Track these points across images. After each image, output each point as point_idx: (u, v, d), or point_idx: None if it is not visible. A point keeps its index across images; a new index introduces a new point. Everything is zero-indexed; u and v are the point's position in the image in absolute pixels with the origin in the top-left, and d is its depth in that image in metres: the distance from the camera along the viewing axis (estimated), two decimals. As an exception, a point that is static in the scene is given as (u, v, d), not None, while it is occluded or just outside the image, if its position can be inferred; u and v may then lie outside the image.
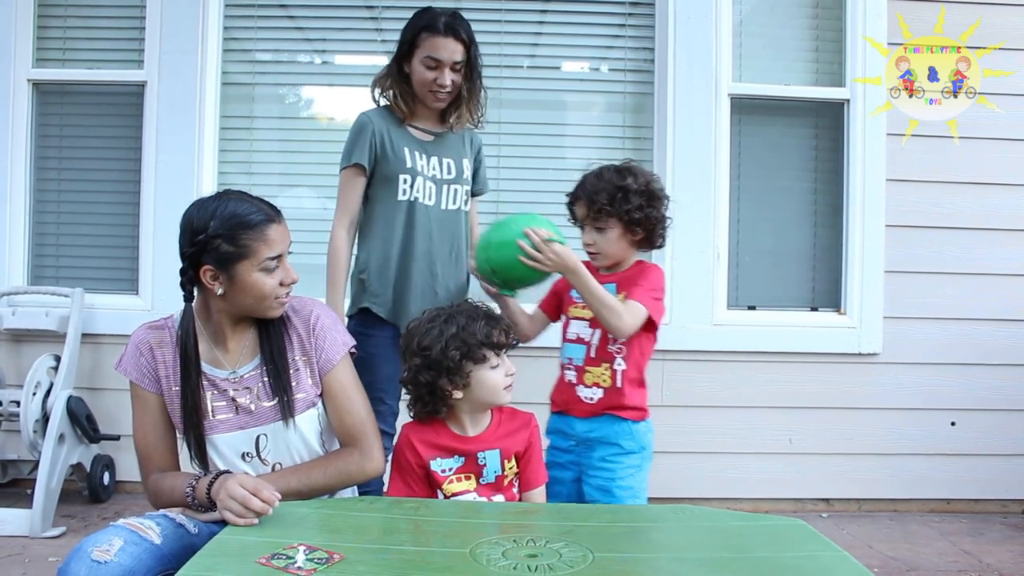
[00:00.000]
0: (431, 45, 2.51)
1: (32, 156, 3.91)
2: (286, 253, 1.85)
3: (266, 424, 1.84)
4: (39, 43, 3.90)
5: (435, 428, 1.99)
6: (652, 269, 2.28)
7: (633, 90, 3.98)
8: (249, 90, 3.99)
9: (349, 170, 2.60)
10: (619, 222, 2.21)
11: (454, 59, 2.52)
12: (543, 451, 2.11)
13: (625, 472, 2.22)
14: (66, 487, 3.44)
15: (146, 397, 1.87)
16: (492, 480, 1.97)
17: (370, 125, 2.57)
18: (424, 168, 2.57)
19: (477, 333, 1.92)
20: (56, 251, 3.96)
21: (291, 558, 1.38)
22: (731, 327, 3.83)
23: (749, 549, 1.57)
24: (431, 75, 2.52)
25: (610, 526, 1.70)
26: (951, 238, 3.86)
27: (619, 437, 2.22)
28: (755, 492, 3.84)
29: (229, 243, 1.77)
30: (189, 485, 1.74)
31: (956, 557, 3.29)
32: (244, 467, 1.83)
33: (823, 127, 3.97)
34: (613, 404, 2.22)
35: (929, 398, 3.87)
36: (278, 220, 1.84)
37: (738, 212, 3.94)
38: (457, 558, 1.45)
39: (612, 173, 2.23)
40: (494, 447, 1.97)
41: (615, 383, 2.21)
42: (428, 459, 1.94)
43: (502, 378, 1.97)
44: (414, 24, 2.56)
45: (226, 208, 1.80)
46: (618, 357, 2.21)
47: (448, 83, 2.53)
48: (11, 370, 3.70)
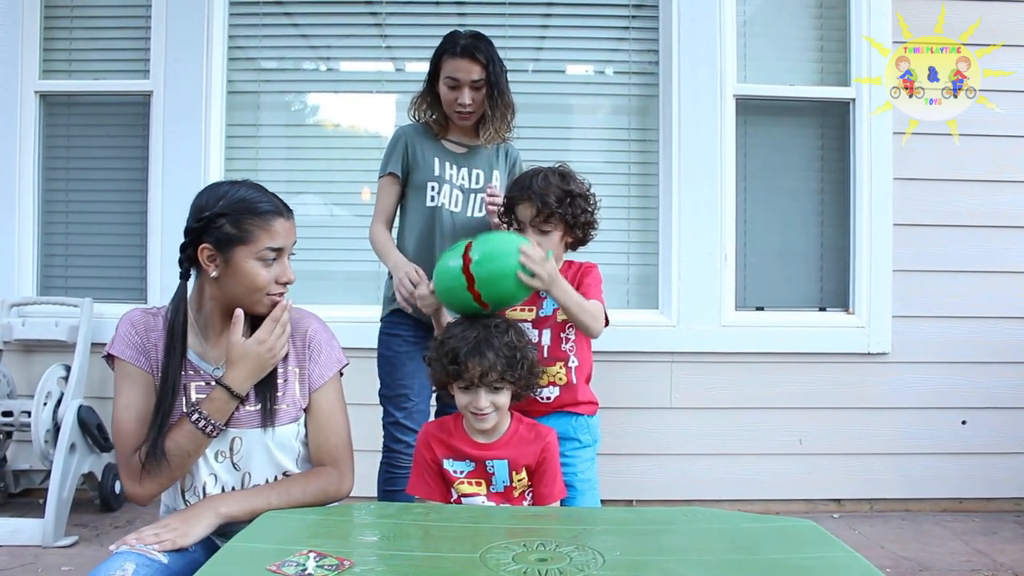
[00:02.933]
0: (451, 67, 2.66)
1: (40, 167, 3.93)
2: (288, 251, 1.81)
3: (244, 428, 1.79)
4: (45, 55, 3.92)
5: (452, 428, 2.01)
6: (592, 268, 2.36)
7: (638, 92, 3.98)
8: (254, 98, 4.00)
9: (384, 179, 2.77)
10: (563, 224, 2.27)
11: (471, 79, 2.65)
12: (559, 471, 2.08)
13: (584, 465, 2.28)
14: (77, 496, 3.45)
15: (135, 374, 1.77)
16: (501, 490, 1.98)
17: (404, 137, 2.76)
18: (453, 177, 2.72)
19: (448, 354, 1.94)
20: (65, 261, 3.97)
21: (301, 565, 1.38)
22: (739, 328, 3.83)
23: (760, 551, 1.56)
24: (452, 95, 2.67)
25: (620, 528, 1.70)
26: (960, 236, 3.85)
27: (577, 432, 2.28)
28: (766, 493, 3.82)
29: (232, 225, 1.75)
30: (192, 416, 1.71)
31: (969, 556, 3.27)
32: (216, 466, 1.78)
33: (829, 127, 3.96)
34: (568, 401, 2.27)
35: (940, 397, 3.85)
36: (286, 216, 1.81)
37: (745, 213, 3.94)
38: (467, 563, 1.45)
39: (557, 177, 2.28)
40: (503, 457, 1.97)
41: (571, 380, 2.27)
42: (442, 458, 1.97)
43: (465, 402, 1.95)
44: (438, 49, 2.73)
45: (237, 192, 1.80)
46: (571, 355, 2.28)
47: (468, 102, 2.66)
48: (22, 380, 3.72)
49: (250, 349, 1.73)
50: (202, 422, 1.70)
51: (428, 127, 2.79)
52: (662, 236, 3.88)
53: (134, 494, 1.73)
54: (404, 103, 3.95)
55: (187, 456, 1.72)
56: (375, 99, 4.06)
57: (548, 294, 2.17)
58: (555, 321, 2.28)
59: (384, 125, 4.06)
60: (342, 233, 3.85)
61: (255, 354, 1.73)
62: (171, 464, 1.71)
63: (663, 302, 3.86)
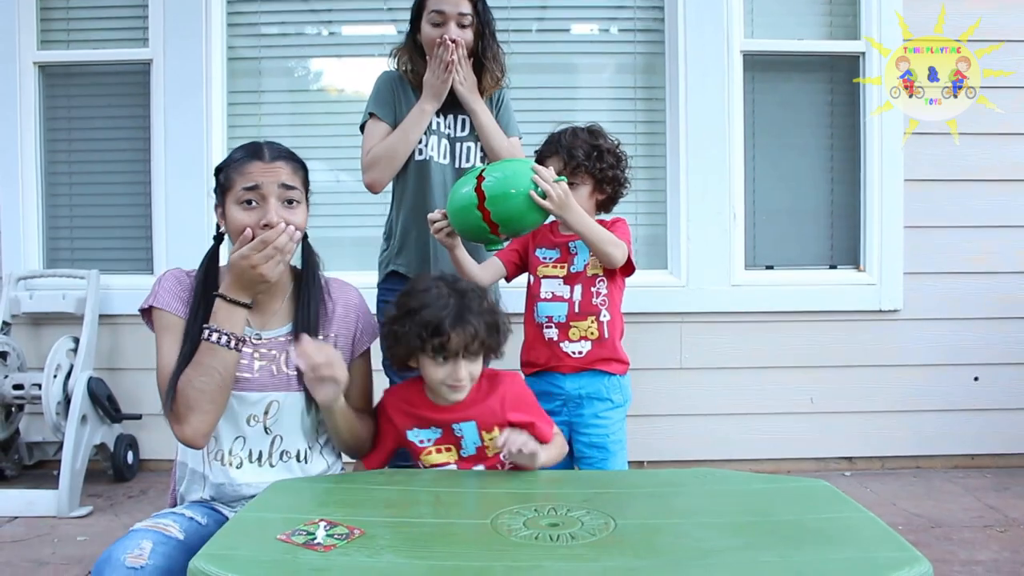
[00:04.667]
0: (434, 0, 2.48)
1: (42, 139, 3.90)
2: (272, 193, 1.76)
3: (283, 391, 1.80)
4: (43, 25, 3.87)
5: (413, 393, 1.92)
6: (618, 220, 2.35)
7: (643, 50, 3.92)
8: (256, 64, 3.96)
9: (369, 122, 2.60)
10: (591, 179, 2.30)
11: (459, 10, 2.47)
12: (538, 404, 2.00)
13: (616, 426, 2.29)
14: (91, 467, 3.48)
15: (176, 323, 1.78)
16: (473, 452, 1.89)
17: (390, 82, 2.61)
18: (440, 125, 2.56)
19: (424, 325, 1.78)
20: (70, 233, 3.96)
21: (311, 534, 1.37)
22: (749, 287, 3.80)
23: (773, 512, 1.55)
24: (436, 32, 2.48)
25: (631, 492, 1.69)
26: (972, 190, 3.80)
27: (610, 392, 2.29)
28: (777, 452, 3.82)
29: (224, 176, 1.80)
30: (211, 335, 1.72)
31: (981, 512, 3.27)
32: (246, 430, 1.79)
33: (838, 81, 3.90)
34: (602, 356, 2.27)
35: (952, 353, 3.83)
36: (265, 158, 1.79)
37: (753, 171, 3.89)
38: (478, 529, 1.45)
39: (585, 133, 2.32)
40: (470, 418, 1.87)
41: (603, 334, 2.27)
42: (404, 429, 1.89)
43: (442, 376, 1.82)
44: None
45: (238, 148, 1.85)
46: (603, 309, 2.28)
47: (454, 36, 2.47)
48: (31, 353, 3.72)
49: (233, 261, 1.73)
50: (214, 335, 1.71)
51: (407, 78, 2.61)
52: (670, 195, 3.84)
53: (184, 436, 1.72)
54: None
55: (216, 375, 1.70)
56: (378, 63, 3.98)
57: (562, 219, 2.12)
58: (585, 276, 2.28)
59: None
60: (348, 199, 3.82)
61: (237, 267, 1.72)
62: (203, 388, 1.69)
63: (672, 262, 3.83)
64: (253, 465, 1.79)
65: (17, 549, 2.93)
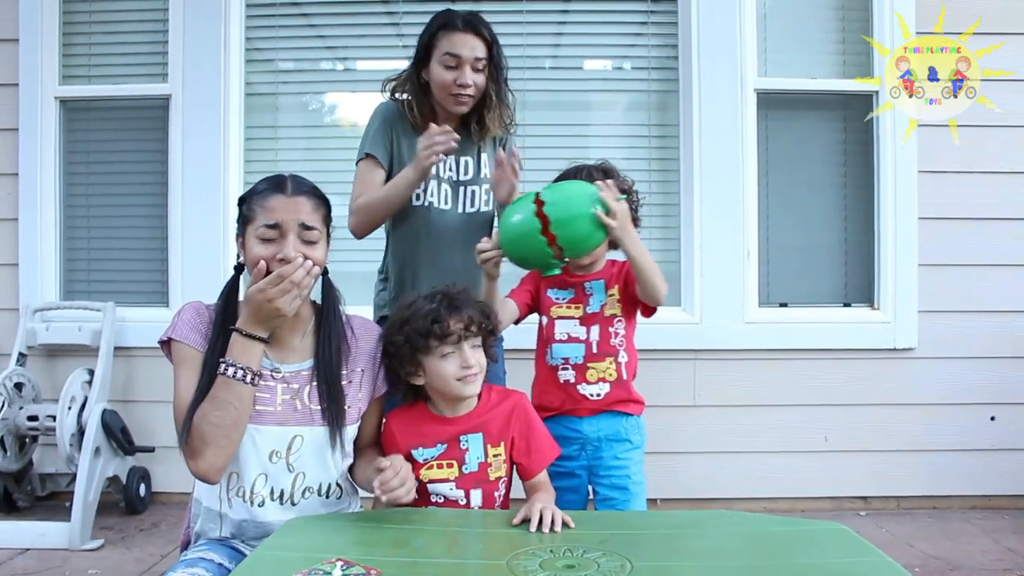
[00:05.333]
0: (449, 42, 2.39)
1: (61, 172, 3.94)
2: (291, 229, 1.77)
3: (307, 426, 1.80)
4: (65, 60, 3.94)
5: (417, 412, 1.94)
6: None
7: (657, 88, 3.95)
8: (272, 99, 4.01)
9: (364, 162, 2.51)
10: None
11: (475, 55, 2.39)
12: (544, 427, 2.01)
13: (636, 467, 2.27)
14: (103, 499, 3.47)
15: (194, 356, 1.77)
16: (475, 468, 1.89)
17: (388, 121, 2.51)
18: (440, 170, 2.47)
19: (419, 321, 1.85)
20: (87, 266, 3.99)
21: (328, 573, 1.37)
22: (763, 325, 3.79)
23: (790, 555, 1.54)
24: (451, 75, 2.39)
25: (647, 533, 1.68)
26: (987, 229, 3.79)
27: (629, 433, 2.27)
28: (791, 491, 3.78)
29: (247, 208, 1.81)
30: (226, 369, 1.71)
31: (1001, 555, 3.22)
32: (269, 467, 1.77)
33: (852, 119, 3.91)
34: (619, 398, 2.25)
35: (967, 393, 3.80)
36: (287, 192, 1.81)
37: (767, 208, 3.90)
38: (494, 570, 1.44)
39: (598, 172, 2.28)
40: (477, 430, 1.90)
41: (620, 375, 2.25)
42: (409, 449, 1.89)
43: (454, 369, 1.86)
44: (430, 24, 2.46)
45: (263, 180, 1.87)
46: (620, 350, 2.26)
47: (470, 83, 2.40)
48: (46, 385, 3.74)
49: (249, 295, 1.73)
50: (231, 369, 1.70)
51: (404, 113, 2.51)
52: (683, 232, 3.85)
53: (198, 471, 1.70)
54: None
55: (232, 409, 1.69)
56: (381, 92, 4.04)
57: (620, 240, 2.10)
58: (603, 316, 2.26)
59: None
60: (361, 234, 3.84)
61: (253, 300, 1.71)
62: (219, 424, 1.68)
63: (686, 299, 3.83)
64: (275, 503, 1.78)
65: (28, 582, 2.92)
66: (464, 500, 1.89)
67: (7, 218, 3.86)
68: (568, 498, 2.22)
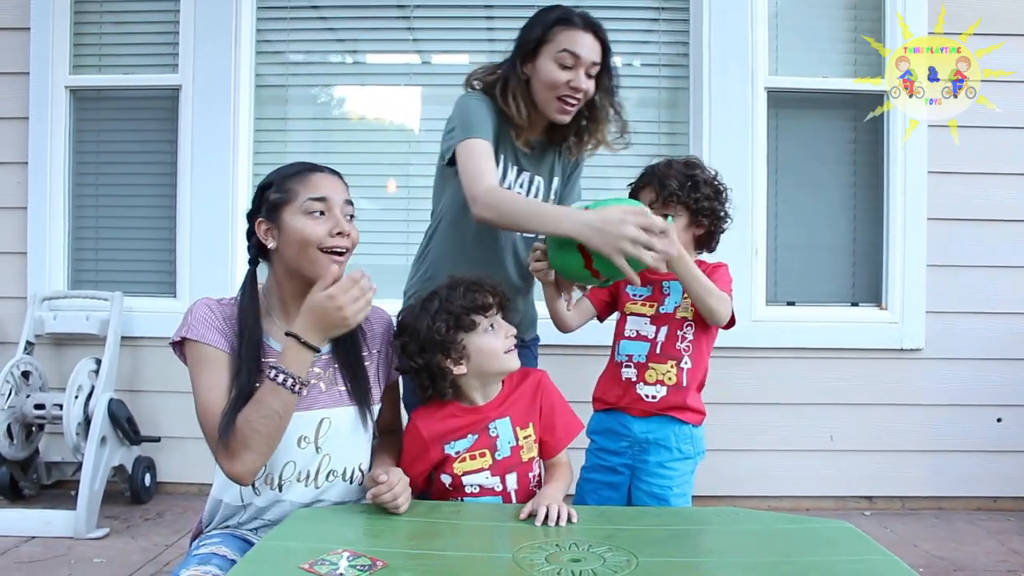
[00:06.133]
0: (569, 39, 2.15)
1: (71, 162, 3.96)
2: (337, 205, 1.77)
3: (335, 407, 1.79)
4: (75, 50, 3.94)
5: (443, 406, 1.92)
6: (721, 267, 2.24)
7: (668, 85, 3.94)
8: (282, 91, 4.01)
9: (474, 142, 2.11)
10: (686, 211, 2.18)
11: (592, 59, 2.17)
12: (566, 403, 2.01)
13: (682, 479, 2.18)
14: (108, 488, 3.49)
15: (217, 356, 1.71)
16: (508, 453, 1.88)
17: (486, 106, 2.20)
18: (511, 183, 2.27)
19: (458, 300, 1.84)
20: (95, 255, 4.00)
21: (334, 564, 1.37)
22: (770, 323, 3.78)
23: (796, 553, 1.54)
24: (565, 76, 2.15)
25: (653, 530, 1.68)
26: (996, 230, 3.78)
27: (679, 441, 2.18)
28: (796, 490, 3.78)
29: (277, 191, 1.78)
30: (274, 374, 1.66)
31: (1005, 557, 3.22)
32: (297, 452, 1.75)
33: (862, 119, 3.89)
34: (675, 404, 2.17)
35: (974, 394, 3.79)
36: (326, 172, 1.82)
37: (776, 207, 3.89)
38: (500, 563, 1.44)
39: (681, 164, 2.21)
40: (504, 415, 1.90)
41: (680, 381, 2.17)
42: (441, 444, 1.87)
43: (501, 341, 1.87)
44: (543, 19, 2.21)
45: (286, 166, 1.84)
46: (685, 355, 2.18)
47: (583, 87, 2.17)
48: (53, 374, 3.75)
49: (317, 301, 1.66)
50: (281, 376, 1.64)
51: (503, 115, 2.22)
52: (692, 230, 3.83)
53: (234, 473, 1.65)
54: (431, 96, 4.00)
55: (277, 418, 1.64)
56: (402, 92, 4.04)
57: (671, 267, 1.98)
58: (674, 319, 2.18)
59: (411, 118, 4.05)
60: (370, 227, 3.82)
61: (321, 307, 1.65)
62: (261, 430, 1.63)
63: (692, 297, 3.82)
64: (300, 484, 1.76)
65: (34, 569, 2.93)
66: (500, 487, 1.88)
67: (16, 206, 3.87)
68: (606, 494, 2.20)
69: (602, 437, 2.25)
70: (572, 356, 2.90)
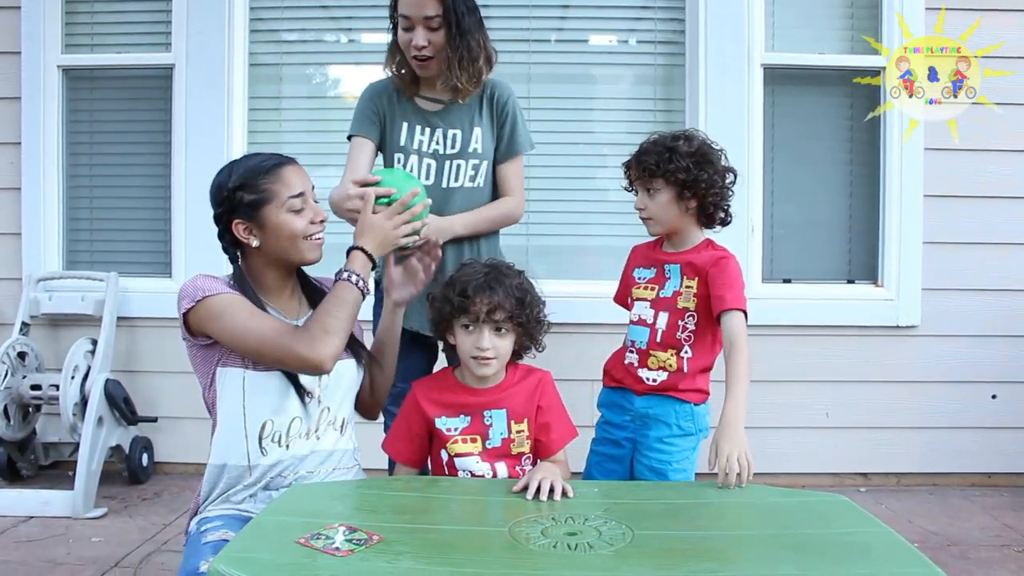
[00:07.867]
0: (402, 4, 2.34)
1: (64, 142, 3.93)
2: (310, 193, 1.89)
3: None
4: (67, 29, 3.91)
5: (444, 380, 2.00)
6: (729, 261, 2.15)
7: (663, 62, 3.92)
8: (276, 70, 3.98)
9: (353, 139, 2.51)
10: (667, 183, 2.12)
11: (424, 14, 2.30)
12: (564, 408, 2.02)
13: (681, 455, 2.16)
14: (106, 469, 3.49)
15: (237, 298, 1.79)
16: (498, 444, 1.91)
17: (373, 96, 2.51)
18: (423, 144, 2.42)
19: (457, 288, 1.90)
20: (90, 236, 3.99)
21: (330, 538, 1.38)
22: (766, 301, 3.76)
23: (792, 526, 1.55)
24: (406, 37, 2.35)
25: (650, 503, 1.69)
26: (993, 207, 3.77)
27: (679, 418, 2.16)
28: (792, 467, 3.79)
29: (251, 191, 1.83)
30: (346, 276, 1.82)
31: (999, 531, 3.24)
32: (302, 409, 1.83)
33: (858, 96, 3.88)
34: (677, 386, 2.15)
35: (969, 370, 3.80)
36: (291, 163, 1.90)
37: (772, 184, 3.88)
38: (496, 537, 1.45)
39: (666, 137, 2.18)
40: (501, 406, 1.92)
41: (680, 368, 2.15)
42: (434, 417, 1.92)
43: (468, 347, 1.89)
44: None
45: (241, 163, 1.91)
46: (686, 345, 2.14)
47: (422, 43, 2.32)
48: (49, 354, 3.75)
49: (376, 221, 1.86)
50: (353, 277, 1.81)
51: (394, 82, 2.48)
52: (687, 208, 3.82)
53: (318, 357, 1.72)
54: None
55: (349, 307, 1.79)
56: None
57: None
58: (675, 306, 2.14)
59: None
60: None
61: (380, 226, 1.85)
62: (339, 316, 1.77)
63: (688, 275, 3.82)
64: (303, 439, 1.83)
65: (32, 549, 2.94)
66: (490, 473, 1.90)
67: (10, 187, 3.85)
68: (610, 467, 2.21)
69: (609, 410, 2.26)
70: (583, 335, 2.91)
